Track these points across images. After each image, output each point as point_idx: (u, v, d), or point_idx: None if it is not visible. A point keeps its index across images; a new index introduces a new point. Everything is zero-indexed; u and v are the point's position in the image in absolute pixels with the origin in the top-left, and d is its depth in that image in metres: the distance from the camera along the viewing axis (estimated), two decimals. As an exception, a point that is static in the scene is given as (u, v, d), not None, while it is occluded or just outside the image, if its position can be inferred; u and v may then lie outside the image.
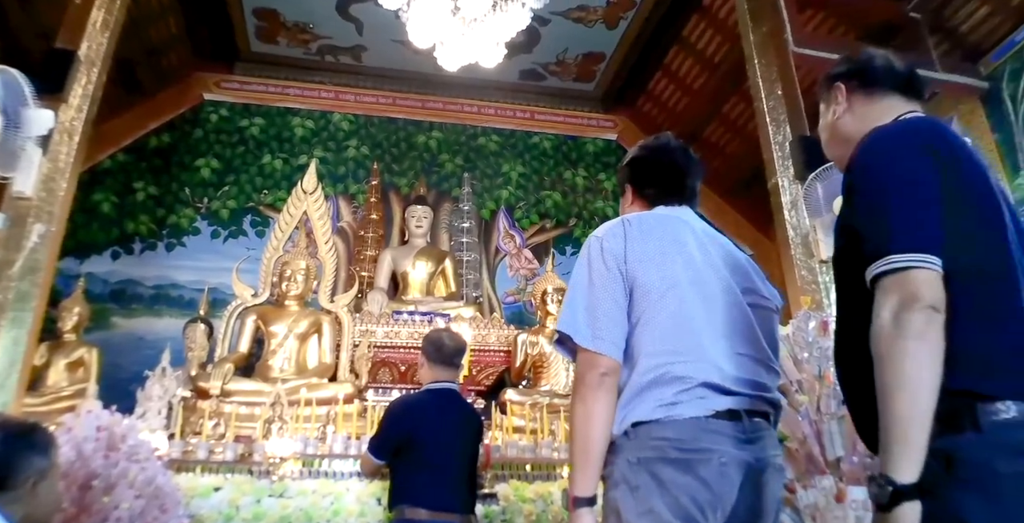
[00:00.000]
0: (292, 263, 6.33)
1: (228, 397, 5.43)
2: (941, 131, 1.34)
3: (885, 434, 1.11)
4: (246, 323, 6.17)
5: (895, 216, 1.21)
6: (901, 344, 1.12)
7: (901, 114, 1.46)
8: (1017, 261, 1.25)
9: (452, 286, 7.47)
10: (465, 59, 5.36)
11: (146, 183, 7.63)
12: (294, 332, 6.11)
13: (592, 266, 1.60)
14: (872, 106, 1.51)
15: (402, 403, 3.08)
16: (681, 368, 1.49)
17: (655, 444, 1.45)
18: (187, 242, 7.57)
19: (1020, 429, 1.12)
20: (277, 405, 5.16)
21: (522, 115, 9.05)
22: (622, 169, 1.92)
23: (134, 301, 7.21)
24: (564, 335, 1.58)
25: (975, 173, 1.29)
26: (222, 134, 8.11)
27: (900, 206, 1.22)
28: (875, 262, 1.19)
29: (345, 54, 8.41)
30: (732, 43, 6.63)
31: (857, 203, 1.31)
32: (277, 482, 4.04)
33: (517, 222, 8.53)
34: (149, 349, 6.45)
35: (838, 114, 1.56)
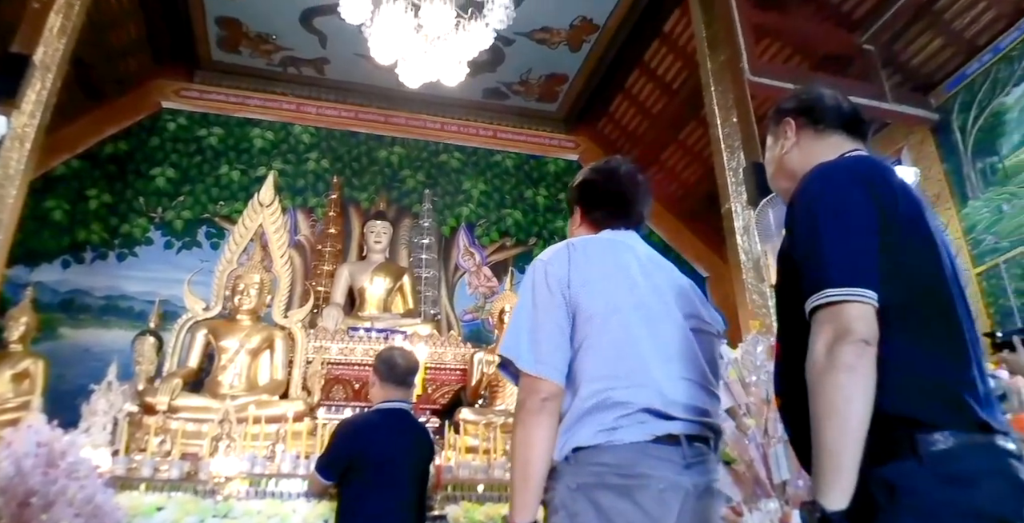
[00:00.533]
0: (246, 276, 6.23)
1: (175, 413, 5.31)
2: (881, 170, 1.38)
3: (816, 462, 1.14)
4: (196, 337, 6.05)
5: (832, 250, 1.25)
6: (832, 376, 1.15)
7: (845, 152, 1.50)
8: (954, 296, 1.30)
9: (410, 303, 7.43)
10: (427, 77, 5.38)
11: (100, 191, 7.47)
12: (246, 347, 6.01)
13: (536, 290, 1.61)
14: (818, 143, 1.55)
15: (352, 423, 3.04)
16: (622, 393, 1.50)
17: (595, 470, 1.45)
18: (139, 252, 7.41)
19: (957, 459, 1.15)
20: (225, 422, 5.06)
21: (485, 133, 9.10)
22: (572, 189, 1.93)
23: (83, 311, 7.03)
24: (506, 359, 1.58)
25: (912, 211, 1.33)
26: (179, 143, 7.99)
27: (837, 241, 1.25)
28: (813, 295, 1.23)
29: (308, 66, 8.37)
30: (691, 70, 6.77)
31: (797, 236, 1.34)
32: (222, 502, 3.95)
33: (477, 240, 8.54)
34: (96, 361, 6.27)
35: (786, 148, 1.59)
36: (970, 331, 1.30)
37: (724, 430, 3.16)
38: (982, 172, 6.08)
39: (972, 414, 1.19)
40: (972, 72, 6.23)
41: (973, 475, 1.15)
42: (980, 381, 1.24)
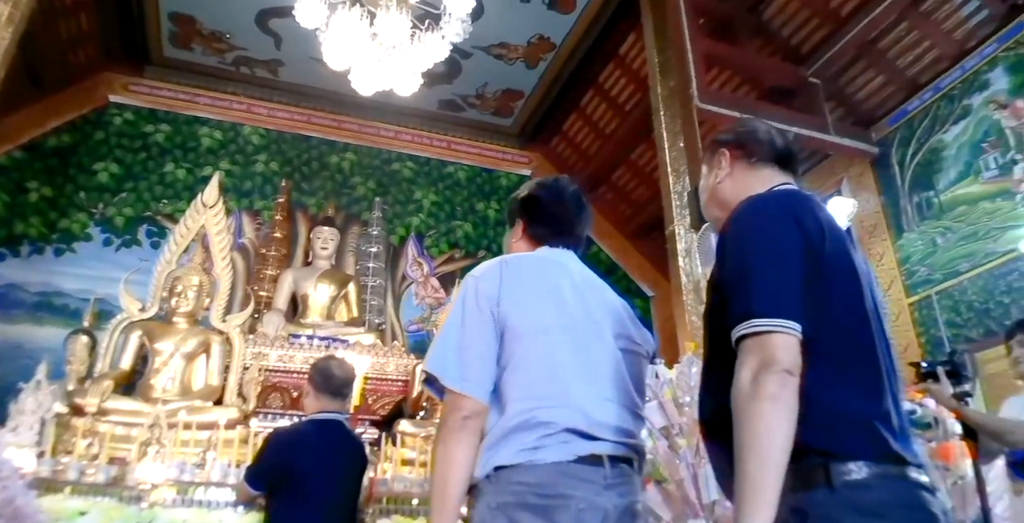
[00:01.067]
0: (185, 278, 6.09)
1: (105, 416, 5.15)
2: (809, 204, 1.42)
3: (739, 490, 1.15)
4: (130, 338, 5.89)
5: (759, 281, 1.28)
6: (756, 405, 1.17)
7: (776, 185, 1.54)
8: (874, 330, 1.33)
9: (354, 311, 7.35)
10: (380, 85, 5.36)
11: (40, 183, 7.24)
12: (181, 351, 5.86)
13: (466, 306, 1.60)
14: (751, 175, 1.59)
15: (283, 433, 2.98)
16: (546, 413, 1.49)
17: (515, 489, 1.45)
18: (78, 248, 7.19)
19: (869, 490, 1.18)
20: (156, 427, 4.94)
21: (439, 144, 9.10)
22: (516, 202, 1.91)
23: (16, 307, 6.77)
24: (432, 375, 1.56)
25: (838, 245, 1.36)
26: (125, 138, 7.80)
27: (765, 272, 1.28)
28: (739, 324, 1.25)
29: (261, 67, 8.27)
30: (644, 92, 6.90)
31: (727, 265, 1.37)
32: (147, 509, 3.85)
33: (427, 250, 8.51)
34: (28, 359, 6.05)
35: (720, 178, 1.63)
36: (888, 364, 1.33)
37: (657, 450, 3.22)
38: (918, 206, 6.31)
39: (886, 446, 1.22)
40: (913, 109, 6.49)
41: (884, 506, 1.18)
42: (895, 414, 1.28)
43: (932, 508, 1.22)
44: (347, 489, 2.90)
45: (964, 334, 5.70)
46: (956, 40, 6.06)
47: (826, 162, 7.22)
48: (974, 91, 5.94)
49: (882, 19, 6.08)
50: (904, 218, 6.45)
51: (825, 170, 7.27)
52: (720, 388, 1.29)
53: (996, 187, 5.64)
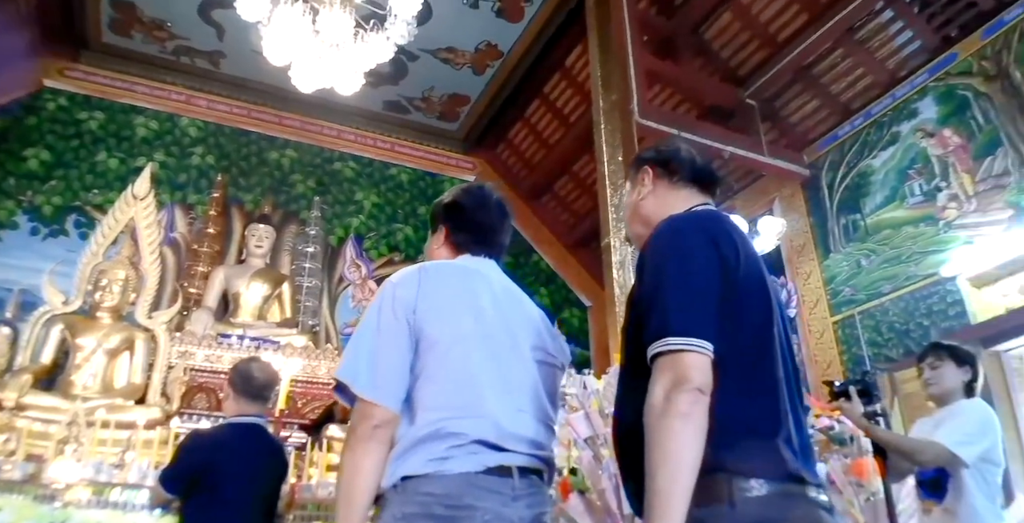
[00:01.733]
0: (111, 272, 5.92)
1: (23, 411, 5.02)
2: (726, 226, 1.46)
3: (648, 504, 1.18)
4: (52, 332, 5.72)
5: (674, 300, 1.30)
6: (667, 422, 1.19)
7: (695, 205, 1.58)
8: (781, 352, 1.38)
9: (288, 312, 7.23)
10: (321, 83, 5.29)
11: (-33, 168, 6.93)
12: (104, 347, 5.70)
13: (382, 313, 1.57)
14: (672, 193, 1.62)
15: (201, 436, 2.90)
16: (457, 424, 1.48)
17: (421, 500, 1.43)
18: (3, 236, 6.89)
19: (767, 507, 1.22)
20: (74, 425, 4.80)
21: (382, 145, 9.02)
22: (440, 207, 1.89)
23: (-65, 295, 6.46)
24: (342, 382, 1.53)
25: (752, 268, 1.40)
26: (57, 124, 7.52)
27: (680, 291, 1.31)
28: (655, 342, 1.27)
29: (202, 58, 8.09)
30: (588, 105, 6.99)
31: (645, 283, 1.39)
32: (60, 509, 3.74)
33: (365, 252, 8.42)
34: (-53, 350, 5.79)
35: (642, 195, 1.66)
36: (793, 386, 1.38)
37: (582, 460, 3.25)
38: (845, 228, 6.53)
39: (786, 466, 1.26)
40: (844, 134, 6.72)
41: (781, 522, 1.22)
42: (797, 434, 1.32)
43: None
44: (265, 494, 2.84)
45: (884, 353, 5.91)
46: (888, 69, 6.30)
47: (759, 182, 7.43)
48: (903, 119, 6.17)
49: (818, 45, 6.30)
50: (831, 239, 6.66)
51: (758, 190, 7.47)
52: (633, 407, 1.30)
53: (920, 213, 5.86)
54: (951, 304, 5.46)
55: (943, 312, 5.51)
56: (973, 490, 2.54)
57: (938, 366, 2.84)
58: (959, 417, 2.69)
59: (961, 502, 2.54)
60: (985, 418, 2.69)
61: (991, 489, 2.58)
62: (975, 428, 2.64)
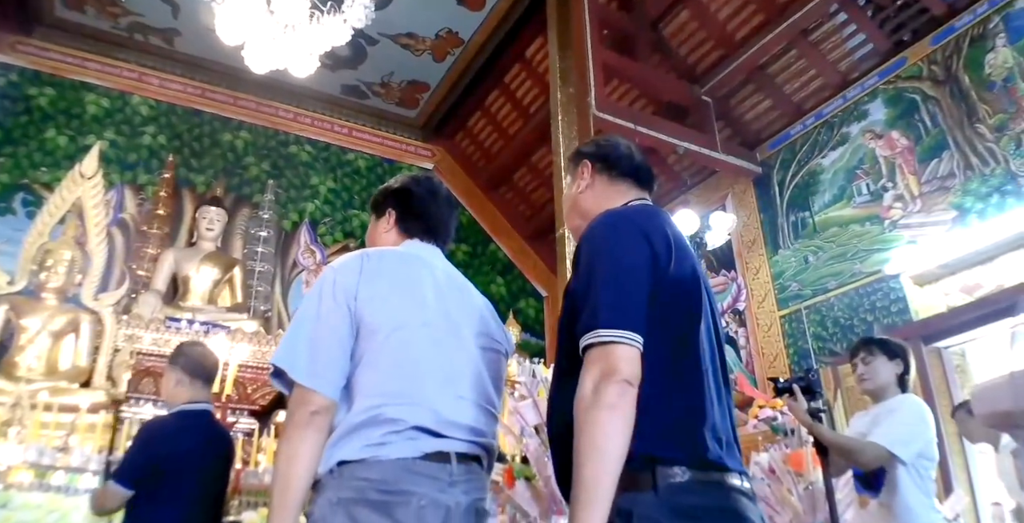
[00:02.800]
0: (56, 252, 5.78)
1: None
2: (660, 221, 1.49)
3: (575, 493, 1.20)
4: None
5: (606, 293, 1.32)
6: (595, 413, 1.21)
7: (632, 199, 1.62)
8: (706, 344, 1.41)
9: (238, 297, 7.13)
10: (274, 64, 5.21)
11: (-90, 143, 6.67)
12: (48, 328, 5.57)
13: (322, 299, 1.56)
14: (609, 188, 1.66)
15: (155, 426, 2.76)
16: (395, 410, 1.48)
17: (356, 485, 1.43)
18: (-52, 214, 6.67)
19: (689, 493, 1.26)
20: (17, 407, 4.70)
21: (340, 130, 8.93)
22: (388, 193, 1.89)
23: None
24: (279, 369, 1.52)
25: (683, 263, 1.43)
26: (6, 100, 7.29)
27: (612, 285, 1.33)
28: (586, 334, 1.29)
29: (156, 35, 7.90)
30: (546, 97, 7.02)
31: (579, 276, 1.42)
32: (1, 491, 3.67)
33: (320, 238, 8.32)
34: None
35: (581, 188, 1.68)
36: (719, 377, 1.42)
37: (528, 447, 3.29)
38: (794, 225, 6.69)
39: (709, 454, 1.30)
40: (795, 133, 6.86)
41: (703, 509, 1.26)
42: (721, 424, 1.36)
43: (748, 513, 1.30)
44: (217, 483, 2.79)
45: (829, 347, 6.08)
46: (840, 71, 6.45)
47: (713, 178, 7.55)
48: (853, 120, 6.33)
49: (773, 45, 6.42)
50: (780, 236, 6.81)
51: (712, 186, 7.60)
52: (566, 399, 1.32)
53: (866, 212, 6.03)
54: (894, 301, 5.63)
55: (886, 309, 5.68)
56: (908, 485, 2.59)
57: (870, 361, 2.90)
58: (895, 414, 2.72)
59: (896, 497, 2.59)
60: (920, 414, 2.75)
61: (926, 484, 2.63)
62: (911, 426, 2.68)
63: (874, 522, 2.73)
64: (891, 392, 2.87)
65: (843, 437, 2.85)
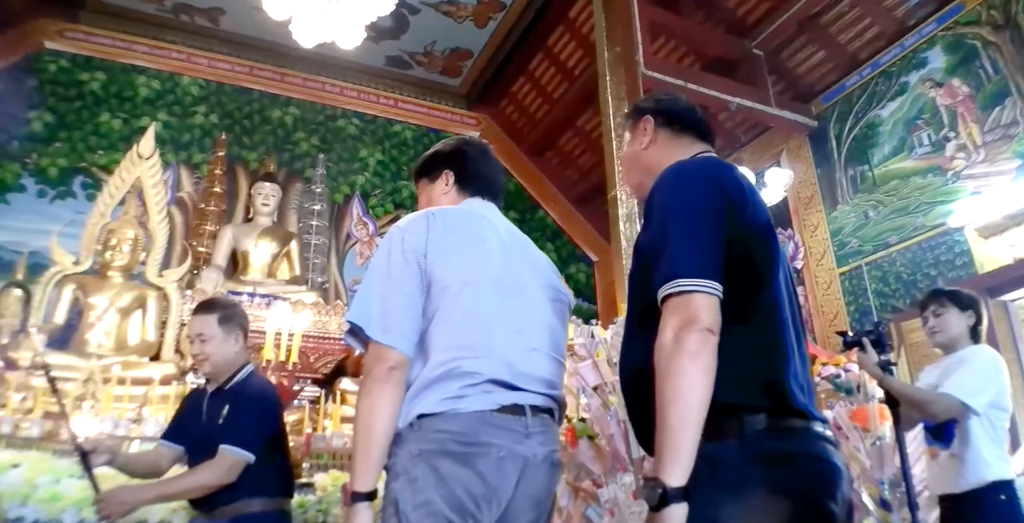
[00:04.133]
0: (119, 231, 5.95)
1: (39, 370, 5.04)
2: (732, 171, 1.48)
3: (660, 441, 1.20)
4: (64, 292, 5.77)
5: (684, 243, 1.32)
6: (678, 362, 1.21)
7: (698, 152, 1.61)
8: (783, 294, 1.41)
9: (296, 269, 7.28)
10: (322, 37, 5.22)
11: (-30, 132, 6.91)
12: (116, 305, 5.76)
13: (391, 258, 1.59)
14: (673, 142, 1.64)
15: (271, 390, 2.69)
16: (471, 363, 1.52)
17: (436, 437, 1.47)
18: (10, 199, 6.89)
19: (774, 440, 1.27)
20: (91, 382, 4.88)
21: (385, 102, 8.96)
22: (439, 156, 1.92)
23: (-52, 259, 6.51)
24: (355, 326, 1.56)
25: (758, 214, 1.43)
26: (59, 86, 7.47)
27: (689, 234, 1.33)
28: (664, 284, 1.29)
29: (202, 15, 7.99)
30: (591, 58, 6.90)
31: (652, 228, 1.41)
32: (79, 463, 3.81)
33: (371, 210, 8.42)
34: (-41, 314, 5.86)
35: (644, 145, 1.67)
36: (797, 326, 1.42)
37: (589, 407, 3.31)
38: (852, 179, 6.51)
39: (792, 401, 1.30)
40: (851, 84, 6.64)
41: (790, 455, 1.26)
42: (801, 372, 1.36)
43: (834, 459, 1.30)
44: None
45: (891, 304, 5.95)
46: (896, 18, 6.20)
47: (766, 134, 7.37)
48: (911, 69, 6.10)
49: (826, -6, 6.19)
50: (838, 191, 6.65)
51: (764, 142, 7.43)
52: (640, 349, 1.34)
53: (928, 163, 5.84)
54: (958, 254, 5.48)
55: (950, 262, 5.53)
56: (980, 436, 2.56)
57: (941, 313, 2.85)
58: (966, 365, 2.69)
59: (968, 448, 2.57)
60: (992, 364, 2.70)
61: (998, 434, 2.60)
62: (983, 375, 2.65)
63: (944, 474, 2.70)
64: (963, 343, 2.82)
65: (914, 389, 2.81)
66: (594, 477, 3.35)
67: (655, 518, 1.17)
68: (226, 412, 2.47)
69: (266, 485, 2.46)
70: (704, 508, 1.18)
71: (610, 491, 2.99)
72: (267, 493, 2.45)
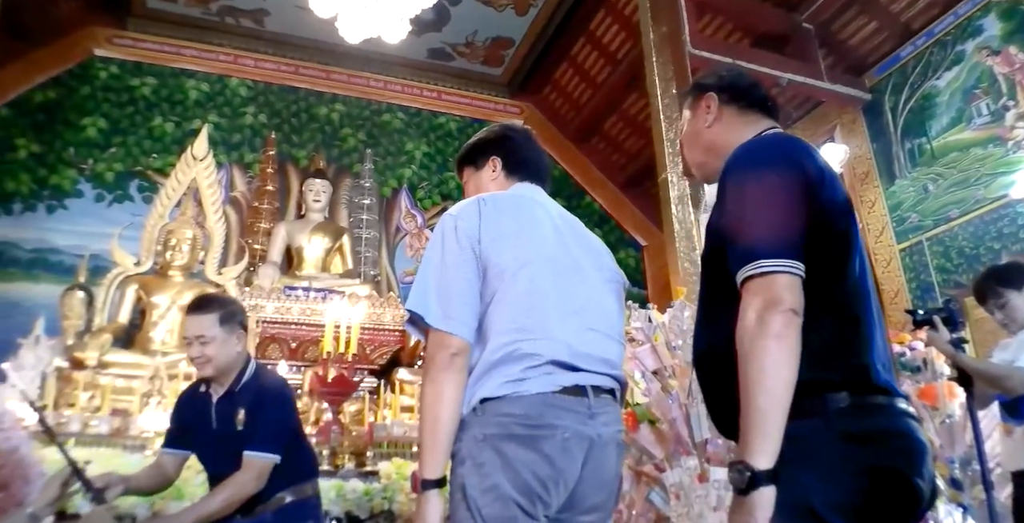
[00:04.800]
0: (178, 232, 6.12)
1: (105, 368, 5.22)
2: (807, 148, 1.45)
3: (745, 424, 1.19)
4: (126, 293, 5.95)
5: (763, 223, 1.30)
6: (763, 343, 1.20)
7: (765, 129, 1.56)
8: (863, 272, 1.38)
9: (349, 263, 7.38)
10: (367, 32, 5.26)
11: (28, 140, 7.13)
12: (177, 303, 5.91)
13: (445, 245, 1.59)
14: (738, 119, 1.59)
15: (288, 387, 2.62)
16: (530, 345, 1.51)
17: (500, 420, 1.46)
18: (69, 205, 7.13)
19: (858, 417, 1.24)
20: (156, 378, 5.01)
21: (429, 94, 9.00)
22: (484, 143, 1.94)
23: (11, 264, 6.74)
24: (415, 315, 1.56)
25: (836, 186, 1.39)
26: (111, 92, 7.68)
27: (769, 214, 1.30)
28: (745, 265, 1.27)
29: (246, 17, 8.12)
30: (635, 40, 6.82)
31: (728, 208, 1.38)
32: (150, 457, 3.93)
33: (418, 202, 8.50)
34: (24, 316, 6.07)
35: (708, 122, 1.62)
36: (874, 304, 1.39)
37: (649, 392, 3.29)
38: (910, 152, 6.34)
39: (877, 378, 1.29)
40: (905, 55, 6.45)
41: (875, 433, 1.24)
42: (883, 349, 1.34)
43: (920, 435, 1.28)
44: None
45: (954, 279, 5.79)
46: (950, -15, 5.99)
47: (818, 109, 7.20)
48: (967, 37, 5.91)
49: (876, -38, 6.01)
50: (895, 165, 6.47)
51: (817, 117, 7.25)
52: (717, 332, 1.33)
53: (987, 134, 5.66)
54: (1021, 226, 5.31)
55: (1014, 235, 5.36)
56: (1056, 412, 2.52)
57: (1003, 303, 2.81)
58: None
59: (1043, 425, 2.53)
60: (1066, 337, 2.64)
61: (1074, 411, 2.55)
62: None
63: (1019, 450, 2.65)
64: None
65: (989, 364, 2.75)
66: (655, 461, 3.34)
67: (743, 501, 1.16)
68: (243, 417, 2.36)
69: (295, 473, 2.43)
70: (792, 487, 1.17)
71: (675, 475, 2.97)
72: (297, 480, 2.44)
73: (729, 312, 1.28)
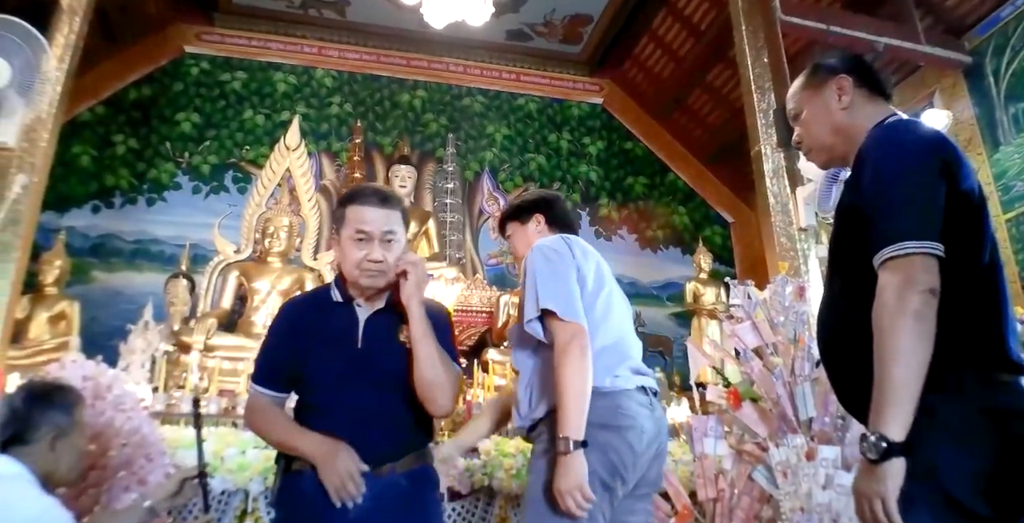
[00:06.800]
0: (275, 220, 6.33)
1: (211, 352, 5.45)
2: (943, 135, 1.50)
3: (880, 397, 1.24)
4: (228, 279, 6.18)
5: (905, 205, 1.34)
6: (901, 321, 1.25)
7: (888, 115, 1.57)
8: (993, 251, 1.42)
9: (435, 247, 7.49)
10: (452, 16, 5.29)
11: (125, 136, 7.51)
12: (277, 288, 6.13)
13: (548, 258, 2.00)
14: (869, 103, 1.61)
15: None
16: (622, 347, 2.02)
17: (598, 411, 1.81)
18: (168, 197, 7.49)
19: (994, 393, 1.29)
20: (260, 361, 5.19)
21: (508, 76, 9.00)
22: (528, 205, 2.35)
23: (114, 255, 7.13)
24: (548, 311, 1.89)
25: (969, 173, 1.43)
26: (203, 88, 7.99)
27: (910, 196, 1.35)
28: (886, 247, 1.32)
29: (329, 8, 8.27)
30: (718, 10, 6.63)
31: (869, 191, 1.41)
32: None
33: (501, 185, 8.54)
34: (128, 304, 6.45)
35: (843, 105, 1.62)
36: (1004, 284, 1.43)
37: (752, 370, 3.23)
38: (1015, 117, 5.99)
39: (1010, 355, 1.33)
40: (1006, 15, 6.07)
41: (1009, 408, 1.28)
42: (1014, 327, 1.38)
43: None
44: None
45: (1064, 249, 5.47)
46: (1057, -66, 5.58)
47: (916, 74, 6.85)
48: (1073, -8, 5.52)
49: (977, -86, 5.64)
50: (1000, 130, 6.12)
51: (916, 82, 6.90)
52: (850, 311, 1.40)
53: (1098, 95, 5.29)
54: None
55: (1122, 201, 5.01)
56: None
57: None
58: None
59: None
60: None
61: None
62: None
63: None
64: None
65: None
66: (758, 440, 3.29)
67: (875, 470, 1.21)
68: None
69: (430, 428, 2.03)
70: (924, 453, 1.22)
71: (782, 453, 2.92)
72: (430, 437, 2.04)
73: (862, 292, 1.34)
